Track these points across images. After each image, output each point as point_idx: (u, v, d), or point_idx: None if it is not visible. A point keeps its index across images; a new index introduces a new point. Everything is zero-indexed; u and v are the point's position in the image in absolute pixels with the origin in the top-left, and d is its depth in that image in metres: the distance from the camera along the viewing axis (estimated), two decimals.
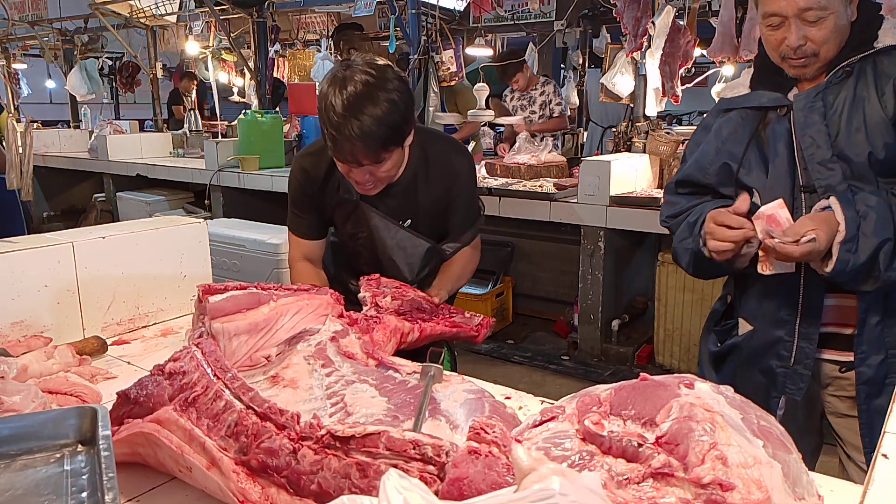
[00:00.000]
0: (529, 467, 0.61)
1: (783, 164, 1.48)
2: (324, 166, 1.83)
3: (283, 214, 2.08)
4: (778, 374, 1.53)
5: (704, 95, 7.31)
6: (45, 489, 0.81)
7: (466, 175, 1.91)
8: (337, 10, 7.76)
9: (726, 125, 1.59)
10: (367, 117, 1.54)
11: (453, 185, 1.87)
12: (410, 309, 1.65)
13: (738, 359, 1.62)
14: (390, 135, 1.59)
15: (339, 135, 1.56)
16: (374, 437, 0.90)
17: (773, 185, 1.49)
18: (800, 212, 1.46)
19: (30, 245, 1.62)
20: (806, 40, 1.41)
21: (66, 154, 7.16)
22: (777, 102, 1.51)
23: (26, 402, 1.14)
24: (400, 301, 1.65)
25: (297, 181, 1.90)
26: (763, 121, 1.54)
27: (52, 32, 8.29)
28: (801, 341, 1.50)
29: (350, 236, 1.92)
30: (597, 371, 3.91)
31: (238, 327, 1.37)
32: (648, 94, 4.04)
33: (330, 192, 1.87)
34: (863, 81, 1.42)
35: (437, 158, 1.86)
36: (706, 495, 0.72)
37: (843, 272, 1.34)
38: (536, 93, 5.82)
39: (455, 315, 1.74)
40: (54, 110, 12.43)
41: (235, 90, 8.20)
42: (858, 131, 1.40)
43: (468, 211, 1.94)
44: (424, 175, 1.84)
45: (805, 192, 1.46)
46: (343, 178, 1.79)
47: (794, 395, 1.52)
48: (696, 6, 4.16)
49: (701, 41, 4.13)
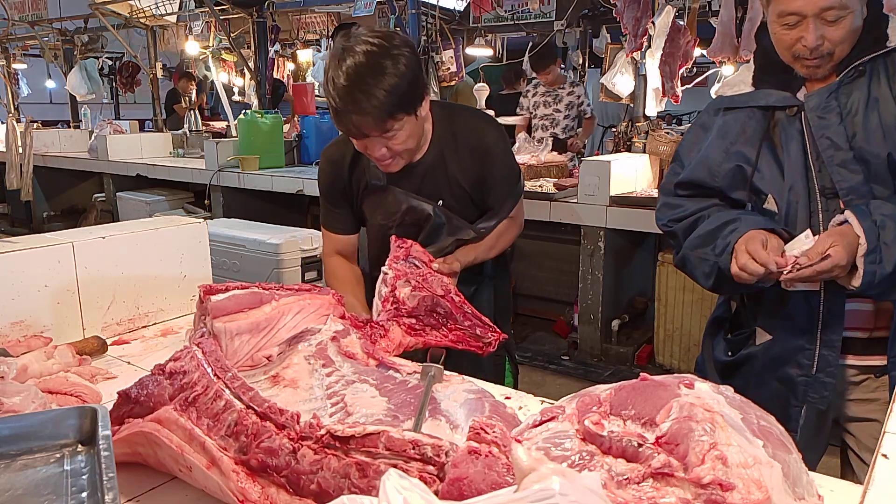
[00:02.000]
0: (529, 467, 0.61)
1: (797, 166, 1.44)
2: (349, 155, 1.81)
3: (283, 214, 2.08)
4: (798, 384, 1.48)
5: (704, 95, 7.30)
6: (45, 489, 0.81)
7: (499, 145, 1.84)
8: (337, 10, 7.76)
9: (732, 125, 1.53)
10: (369, 87, 1.52)
11: (486, 158, 1.80)
12: (426, 312, 1.56)
13: (754, 369, 1.56)
14: (396, 102, 1.55)
15: (342, 108, 1.54)
16: (373, 437, 0.90)
17: (789, 189, 1.45)
18: (818, 215, 1.42)
19: (30, 245, 1.62)
20: (823, 40, 1.37)
21: (66, 154, 7.17)
22: (787, 102, 1.46)
23: (26, 403, 1.14)
24: (418, 298, 1.56)
25: (324, 174, 1.89)
26: (772, 121, 1.49)
27: (52, 32, 8.29)
28: (822, 349, 1.45)
29: (381, 229, 1.85)
30: (597, 371, 3.91)
31: (240, 327, 1.37)
32: (648, 94, 4.04)
33: (357, 179, 1.83)
34: (875, 81, 1.39)
35: (464, 132, 1.80)
36: (706, 495, 0.72)
37: (871, 284, 1.30)
38: (564, 92, 5.71)
39: (468, 326, 1.59)
40: (54, 110, 12.43)
41: (235, 90, 8.20)
42: (876, 132, 1.36)
43: (506, 182, 1.86)
44: (453, 150, 1.79)
45: (824, 196, 1.42)
46: (370, 165, 1.77)
47: (818, 403, 1.47)
48: (696, 6, 4.16)
49: (701, 41, 4.14)
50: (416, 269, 1.63)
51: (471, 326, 1.59)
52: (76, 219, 7.12)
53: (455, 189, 1.81)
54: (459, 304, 1.60)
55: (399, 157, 1.68)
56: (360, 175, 1.83)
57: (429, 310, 1.56)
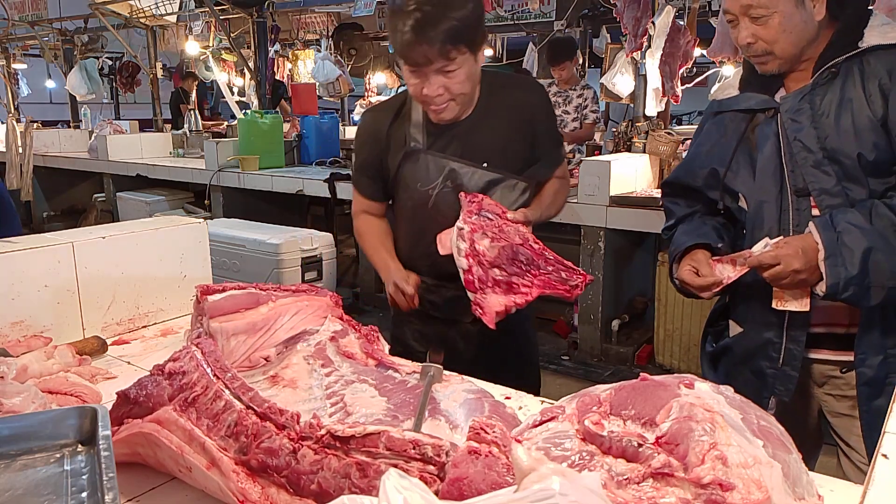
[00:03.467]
0: (529, 467, 0.61)
1: (770, 166, 1.48)
2: (388, 118, 1.80)
3: (283, 214, 2.07)
4: (768, 375, 1.54)
5: (704, 95, 7.30)
6: (45, 489, 0.81)
7: (541, 103, 1.85)
8: (337, 10, 7.77)
9: (716, 128, 1.60)
10: (438, 13, 1.53)
11: (533, 117, 1.80)
12: (508, 261, 1.57)
13: (731, 359, 1.64)
14: (462, 33, 1.56)
15: (408, 35, 1.55)
16: (373, 436, 0.90)
17: (759, 188, 1.50)
18: (788, 214, 1.47)
19: (30, 245, 1.62)
20: (756, 38, 1.43)
21: (66, 154, 7.16)
22: (764, 105, 1.51)
23: (26, 404, 1.14)
24: (498, 248, 1.56)
25: (361, 138, 1.88)
26: (751, 123, 1.54)
27: (52, 32, 8.30)
28: (788, 343, 1.51)
29: (420, 196, 1.78)
30: (597, 371, 3.91)
31: (236, 327, 1.37)
32: (648, 94, 4.04)
33: (396, 144, 1.80)
34: (850, 82, 1.42)
35: (505, 93, 1.80)
36: (706, 495, 0.72)
37: (837, 287, 1.35)
38: (574, 94, 5.60)
39: (551, 271, 1.62)
40: (54, 110, 12.44)
41: (235, 90, 8.20)
42: (847, 133, 1.40)
43: (551, 140, 1.87)
44: (494, 111, 1.78)
45: (796, 195, 1.46)
46: (410, 128, 1.76)
47: (783, 395, 1.53)
48: (696, 6, 4.17)
49: (701, 41, 4.14)
50: (490, 221, 1.63)
51: (555, 271, 1.62)
52: (76, 219, 7.13)
53: (499, 149, 1.78)
54: (540, 250, 1.63)
55: (454, 101, 1.67)
56: (399, 140, 1.80)
57: (510, 259, 1.58)
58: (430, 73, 1.61)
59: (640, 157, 4.04)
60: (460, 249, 1.58)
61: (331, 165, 5.40)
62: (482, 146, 1.76)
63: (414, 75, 1.63)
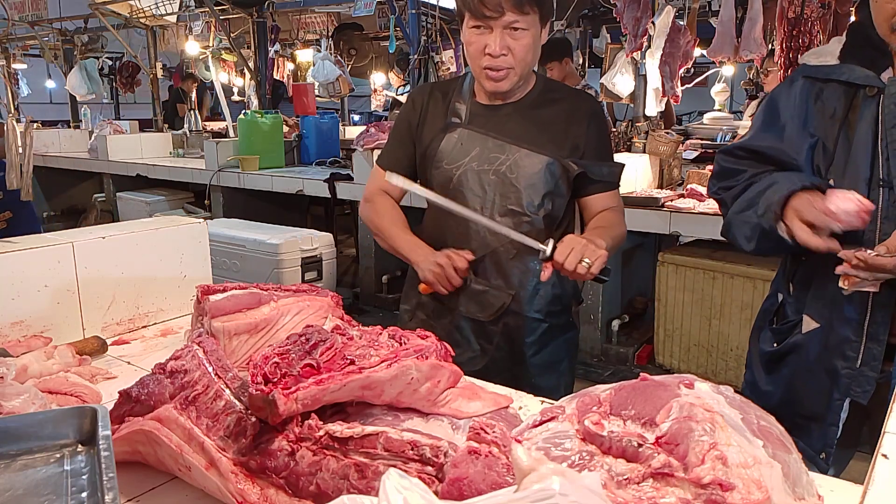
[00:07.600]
0: (529, 467, 0.61)
1: (864, 151, 1.37)
2: (431, 94, 1.79)
3: (283, 214, 2.07)
4: (843, 376, 1.43)
5: (704, 95, 7.32)
6: (45, 489, 0.81)
7: (597, 116, 1.76)
8: (337, 10, 7.77)
9: (811, 98, 1.45)
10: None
11: (583, 122, 1.71)
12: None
13: (800, 359, 1.52)
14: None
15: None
16: (372, 437, 0.90)
17: (849, 173, 1.38)
18: (877, 203, 1.34)
19: (30, 245, 1.62)
20: None
21: (66, 154, 7.16)
22: (868, 82, 1.38)
23: (26, 405, 1.14)
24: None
25: (403, 110, 1.85)
26: (854, 99, 1.41)
27: (52, 32, 8.30)
28: (868, 342, 1.40)
29: (446, 173, 1.72)
30: (597, 371, 3.91)
31: (238, 326, 1.37)
32: (648, 94, 4.04)
33: (435, 117, 1.77)
34: None
35: (563, 94, 1.76)
36: (706, 495, 0.72)
37: None
38: None
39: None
40: (54, 110, 12.44)
41: (235, 90, 8.21)
42: None
43: (599, 156, 1.75)
44: (547, 107, 1.72)
45: (883, 187, 1.35)
46: (452, 103, 1.74)
47: (860, 398, 1.42)
48: (696, 6, 4.17)
49: (701, 41, 4.14)
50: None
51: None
52: (76, 219, 7.13)
53: (535, 143, 1.69)
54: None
55: (512, 70, 1.62)
56: (438, 113, 1.77)
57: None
58: (497, 27, 1.57)
59: (640, 157, 4.04)
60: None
61: (331, 165, 5.40)
62: (521, 134, 1.70)
63: (479, 33, 1.60)
